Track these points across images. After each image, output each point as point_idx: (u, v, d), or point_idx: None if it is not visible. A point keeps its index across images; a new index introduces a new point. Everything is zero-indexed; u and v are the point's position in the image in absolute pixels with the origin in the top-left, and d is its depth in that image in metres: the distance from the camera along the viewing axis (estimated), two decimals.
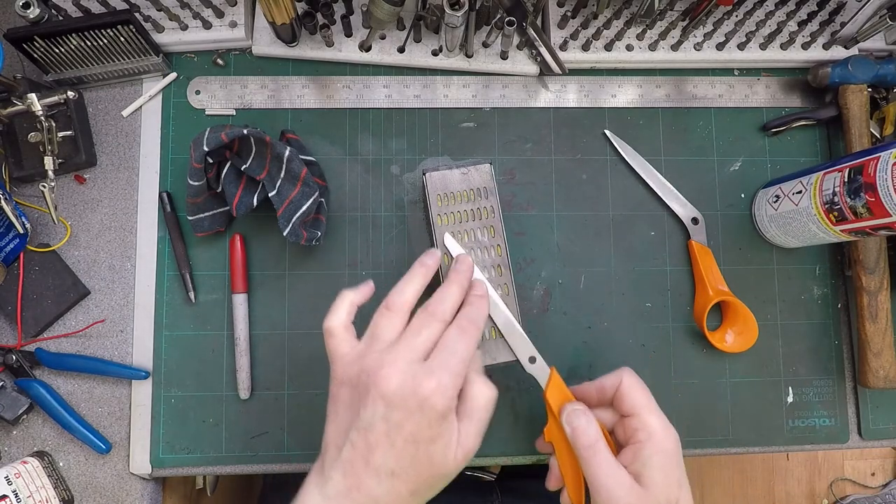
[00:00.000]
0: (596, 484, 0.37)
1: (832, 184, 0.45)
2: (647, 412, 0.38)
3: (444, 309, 0.37)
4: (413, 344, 0.34)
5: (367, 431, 0.33)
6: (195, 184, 0.45)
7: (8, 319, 0.50)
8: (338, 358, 0.36)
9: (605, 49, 0.53)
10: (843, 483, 1.34)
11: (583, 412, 0.39)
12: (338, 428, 0.35)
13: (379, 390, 0.32)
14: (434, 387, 0.32)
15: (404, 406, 0.32)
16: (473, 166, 0.45)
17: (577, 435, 0.38)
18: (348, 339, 0.37)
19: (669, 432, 0.38)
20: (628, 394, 0.39)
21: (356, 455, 0.33)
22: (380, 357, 0.34)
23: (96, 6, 0.49)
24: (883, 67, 0.51)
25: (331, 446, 0.35)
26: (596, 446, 0.37)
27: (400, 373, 0.33)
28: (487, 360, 0.45)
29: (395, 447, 0.33)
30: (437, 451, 0.34)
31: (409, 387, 0.32)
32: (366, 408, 0.33)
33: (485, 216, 0.44)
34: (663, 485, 0.36)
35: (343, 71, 0.53)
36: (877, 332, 0.50)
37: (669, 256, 0.53)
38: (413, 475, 0.33)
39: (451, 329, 0.36)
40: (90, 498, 0.49)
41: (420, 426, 0.33)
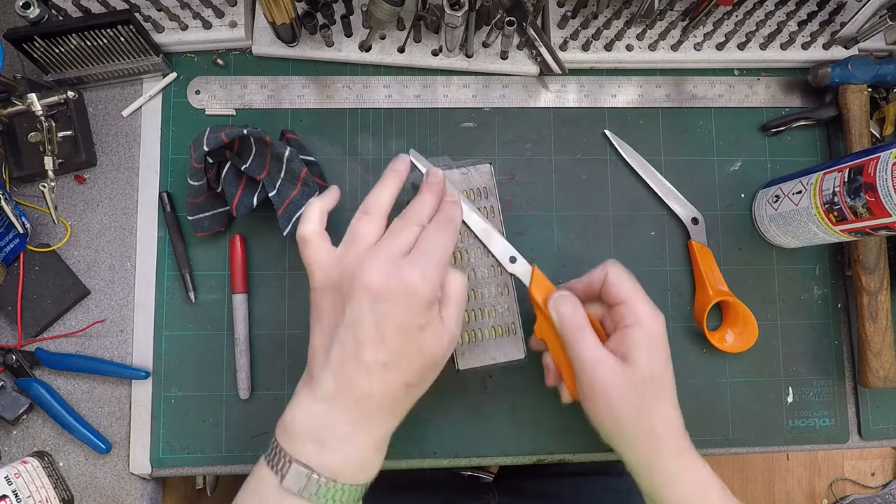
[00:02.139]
0: (581, 363, 0.37)
1: (832, 184, 0.45)
2: (634, 299, 0.39)
3: (420, 214, 0.37)
4: (394, 243, 0.35)
5: (354, 327, 0.33)
6: (195, 184, 0.45)
7: (8, 319, 0.50)
8: (316, 264, 0.36)
9: (605, 49, 0.53)
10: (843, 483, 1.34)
11: (568, 297, 0.40)
12: (323, 332, 0.35)
13: (364, 285, 0.33)
14: (419, 275, 0.33)
15: (390, 297, 0.32)
16: (473, 166, 0.45)
17: (563, 320, 0.39)
18: (325, 244, 0.36)
19: (656, 315, 0.39)
20: (615, 283, 0.39)
21: (345, 353, 0.33)
22: (362, 256, 0.34)
23: (96, 6, 0.48)
24: (883, 67, 0.51)
25: (318, 351, 0.35)
26: (581, 329, 0.38)
27: (384, 267, 0.33)
28: (487, 359, 0.45)
29: (385, 339, 0.33)
30: (427, 339, 0.34)
31: (394, 278, 0.33)
32: (351, 305, 0.33)
33: (485, 216, 0.44)
34: (648, 362, 0.37)
35: (343, 71, 0.53)
36: (877, 332, 0.50)
37: (669, 256, 0.53)
38: (405, 365, 0.34)
39: (429, 227, 0.36)
40: (90, 498, 0.49)
41: (408, 315, 0.33)
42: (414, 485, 0.63)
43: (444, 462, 0.50)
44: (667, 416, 0.38)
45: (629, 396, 0.37)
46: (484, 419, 0.50)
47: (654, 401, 0.38)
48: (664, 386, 0.38)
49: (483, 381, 0.51)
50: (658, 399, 0.38)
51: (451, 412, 0.50)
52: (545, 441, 0.51)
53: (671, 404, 0.39)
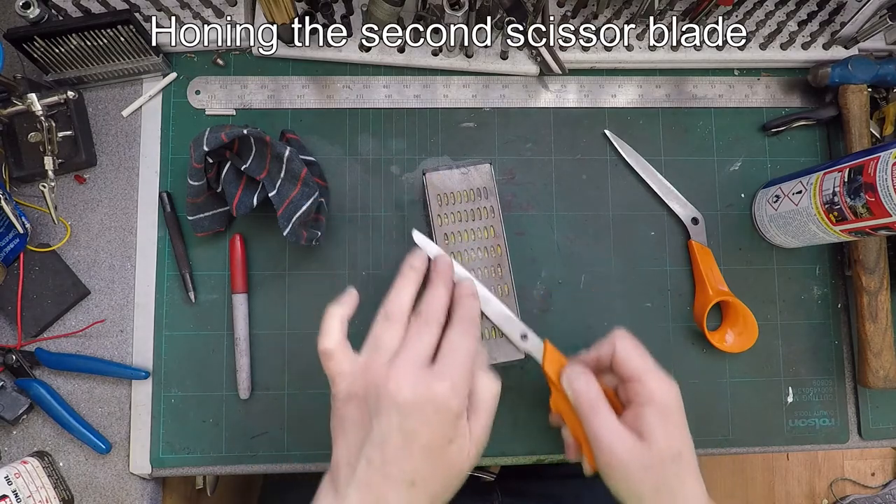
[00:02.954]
0: (598, 442, 0.37)
1: (832, 184, 0.45)
2: (645, 375, 0.38)
3: (435, 310, 0.36)
4: (417, 350, 0.34)
5: (382, 445, 0.32)
6: (195, 184, 0.45)
7: (8, 319, 0.50)
8: (340, 375, 0.35)
9: (605, 49, 0.53)
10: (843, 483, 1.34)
11: (582, 373, 0.39)
12: (348, 446, 0.34)
13: (392, 401, 0.32)
14: (447, 388, 0.32)
15: (420, 413, 0.32)
16: (473, 166, 0.45)
17: (577, 396, 0.38)
18: (347, 355, 0.36)
19: (669, 389, 0.38)
20: (624, 360, 0.39)
21: (373, 471, 0.32)
22: (386, 368, 0.33)
23: (96, 6, 0.49)
24: (883, 67, 0.51)
25: (342, 465, 0.34)
26: (596, 405, 0.38)
27: (411, 380, 0.32)
28: (488, 360, 0.45)
29: (413, 457, 0.32)
30: (454, 453, 0.34)
31: (422, 392, 0.32)
32: (379, 420, 0.32)
33: (485, 216, 0.44)
34: (664, 439, 0.36)
35: (343, 71, 0.53)
36: (877, 332, 0.50)
37: (669, 256, 0.53)
38: (432, 482, 0.33)
39: (450, 331, 0.36)
40: (90, 498, 0.49)
41: (437, 431, 0.32)
42: None
43: None
44: (690, 493, 0.37)
45: (648, 477, 0.36)
46: None
47: (675, 479, 0.36)
48: (684, 462, 0.37)
49: None
50: (679, 477, 0.37)
51: None
52: (545, 441, 0.51)
53: (693, 480, 0.38)
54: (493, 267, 0.44)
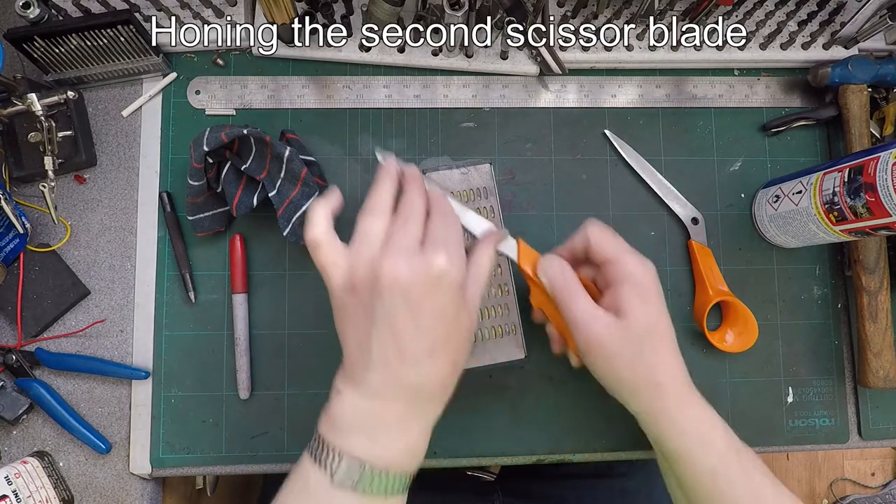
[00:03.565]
0: (575, 323, 0.38)
1: (832, 184, 0.45)
2: (620, 255, 0.39)
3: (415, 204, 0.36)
4: (407, 234, 0.34)
5: (391, 324, 0.32)
6: (195, 184, 0.45)
7: (8, 319, 0.50)
8: (332, 265, 0.35)
9: (605, 49, 0.53)
10: (843, 483, 1.34)
11: (555, 260, 0.40)
12: (357, 336, 0.34)
13: (392, 280, 0.32)
14: (444, 259, 0.32)
15: (421, 286, 0.32)
16: (473, 166, 0.45)
17: (553, 283, 0.39)
18: (336, 245, 0.35)
19: (645, 266, 0.39)
20: (598, 245, 0.39)
21: (387, 351, 0.33)
22: (379, 252, 0.33)
23: (96, 6, 0.49)
24: (883, 67, 0.51)
25: (355, 353, 0.34)
26: (571, 289, 0.38)
27: (406, 259, 0.32)
28: (487, 359, 0.45)
29: (425, 327, 0.33)
30: (463, 318, 0.34)
31: (420, 268, 0.32)
32: (382, 302, 0.32)
33: (484, 216, 0.44)
34: (641, 313, 0.37)
35: (343, 71, 0.53)
36: (877, 332, 0.50)
37: (669, 256, 0.53)
38: (449, 348, 0.34)
39: (432, 219, 0.36)
40: (90, 498, 0.49)
41: (441, 300, 0.33)
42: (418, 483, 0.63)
43: (445, 462, 0.50)
44: (666, 364, 0.38)
45: (625, 349, 0.37)
46: (484, 419, 0.50)
47: (652, 351, 0.38)
48: (661, 335, 0.38)
49: (483, 381, 0.51)
50: (655, 349, 0.38)
51: (451, 412, 0.50)
52: (545, 441, 0.51)
53: (670, 352, 0.39)
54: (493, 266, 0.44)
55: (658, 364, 0.38)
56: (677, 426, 0.38)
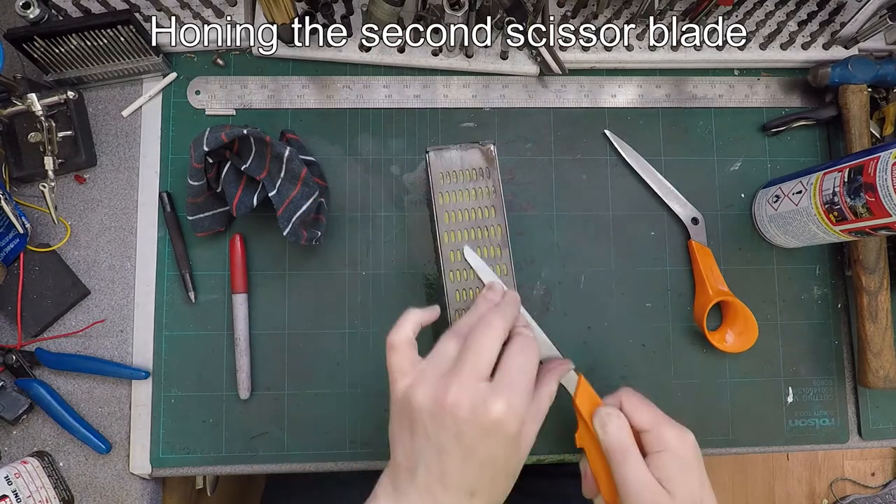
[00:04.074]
0: (626, 487, 0.37)
1: (832, 184, 0.45)
2: (657, 426, 0.39)
3: (497, 330, 0.36)
4: (477, 362, 0.34)
5: (441, 456, 0.33)
6: (195, 184, 0.45)
7: (8, 319, 0.50)
8: (400, 373, 0.35)
9: (605, 49, 0.53)
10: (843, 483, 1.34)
11: (616, 416, 0.39)
12: (406, 449, 0.35)
13: (451, 415, 0.32)
14: (504, 409, 0.32)
15: (477, 429, 0.32)
16: (477, 146, 0.45)
17: (609, 440, 0.39)
18: (411, 355, 0.36)
19: (684, 439, 0.39)
20: (633, 415, 0.39)
21: (431, 478, 0.33)
22: (446, 377, 0.34)
23: (96, 6, 0.49)
24: (883, 67, 0.51)
25: (402, 468, 0.35)
26: (628, 450, 0.38)
27: (468, 395, 0.32)
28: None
29: (472, 468, 0.33)
30: (512, 465, 0.35)
31: (479, 411, 0.32)
32: (437, 430, 0.33)
33: (486, 196, 0.44)
34: (685, 489, 0.37)
35: (343, 71, 0.53)
36: (877, 332, 0.50)
37: (669, 256, 0.53)
38: (491, 491, 0.34)
39: (510, 346, 0.36)
40: (90, 498, 0.49)
41: (494, 448, 0.33)
42: None
43: None
44: None
45: None
46: None
47: None
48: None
49: None
50: None
51: None
52: (545, 441, 0.51)
53: None
54: (493, 247, 0.44)
55: None
56: None
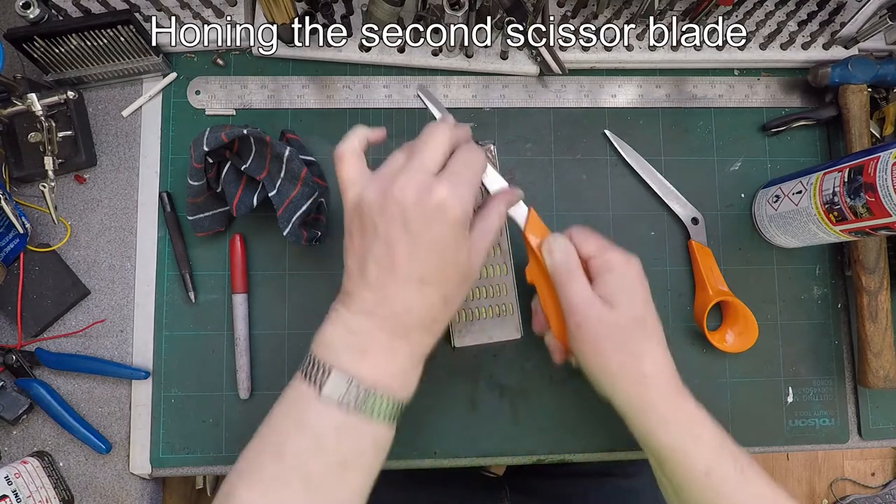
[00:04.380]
0: (570, 307, 0.38)
1: (832, 184, 0.45)
2: (603, 251, 0.40)
3: (442, 136, 0.36)
4: (422, 160, 0.34)
5: (389, 245, 0.33)
6: (195, 184, 0.45)
7: (8, 319, 0.50)
8: (349, 181, 0.35)
9: (605, 49, 0.53)
10: (843, 483, 1.34)
11: (562, 241, 0.40)
12: (356, 252, 0.35)
13: (396, 202, 0.33)
14: (448, 191, 0.33)
15: (423, 213, 0.32)
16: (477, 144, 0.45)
17: (555, 263, 0.39)
18: (359, 164, 0.36)
19: (629, 259, 0.40)
20: (581, 244, 0.40)
21: (382, 270, 0.33)
22: (392, 174, 0.34)
23: (96, 6, 0.49)
24: (883, 67, 0.51)
25: (353, 270, 0.35)
26: (573, 272, 0.39)
27: (414, 183, 0.33)
28: (484, 338, 0.45)
29: (420, 254, 0.33)
30: (461, 256, 0.34)
31: (424, 194, 0.32)
32: (385, 222, 0.33)
33: (485, 195, 0.44)
34: (628, 304, 0.38)
35: (343, 71, 0.53)
36: (877, 332, 0.50)
37: (669, 256, 0.53)
38: (442, 280, 0.34)
39: (456, 153, 0.36)
40: (90, 498, 0.49)
41: (440, 233, 0.33)
42: (426, 479, 0.63)
43: (445, 462, 0.50)
44: (652, 356, 0.38)
45: (614, 337, 0.38)
46: (484, 419, 0.50)
47: (639, 341, 0.38)
48: (648, 328, 0.39)
49: (483, 380, 0.51)
50: (643, 340, 0.38)
51: (451, 412, 0.50)
52: (545, 441, 0.51)
53: (656, 345, 0.39)
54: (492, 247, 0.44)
55: (643, 354, 0.38)
56: (664, 421, 0.38)
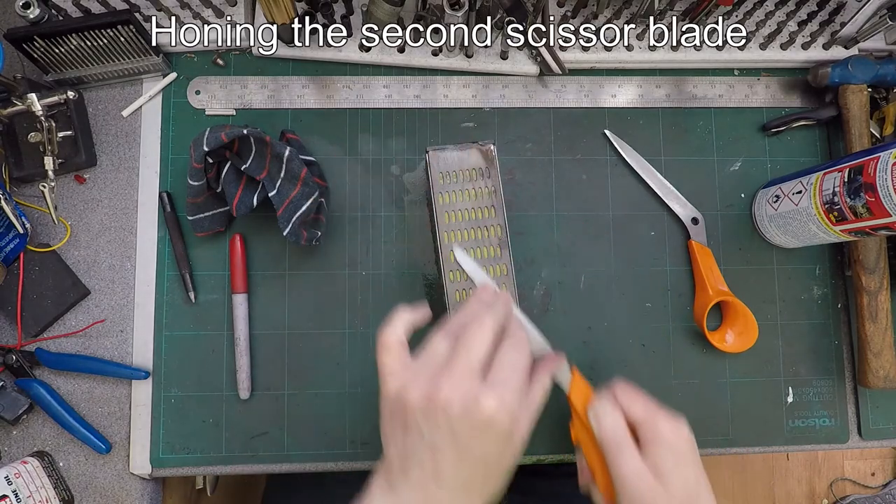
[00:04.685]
0: (622, 480, 0.37)
1: (832, 184, 0.45)
2: (652, 418, 0.38)
3: (488, 327, 0.35)
4: (468, 359, 0.33)
5: (434, 453, 0.32)
6: (195, 184, 0.45)
7: (8, 319, 0.50)
8: (390, 374, 0.35)
9: (605, 49, 0.53)
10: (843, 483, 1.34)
11: (611, 408, 0.39)
12: (399, 449, 0.34)
13: (443, 412, 0.32)
14: (496, 405, 0.32)
15: (470, 427, 0.32)
16: (477, 146, 0.45)
17: (605, 434, 0.38)
18: (402, 355, 0.35)
19: (680, 432, 0.38)
20: (628, 407, 0.39)
21: (426, 476, 0.33)
22: (437, 376, 0.33)
23: (96, 6, 0.48)
24: (883, 67, 0.51)
25: (395, 466, 0.34)
26: (623, 442, 0.38)
27: (461, 391, 0.32)
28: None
29: (466, 465, 0.32)
30: (506, 460, 0.34)
31: (472, 408, 0.32)
32: (430, 428, 0.32)
33: (486, 196, 0.44)
34: (680, 483, 0.37)
35: (343, 71, 0.53)
36: (877, 332, 0.50)
37: (669, 256, 0.53)
38: (485, 486, 0.34)
39: (504, 344, 0.35)
40: (90, 498, 0.49)
41: (488, 445, 0.33)
42: None
43: None
44: None
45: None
46: None
47: None
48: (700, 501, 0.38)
49: None
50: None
51: None
52: (545, 441, 0.51)
53: None
54: (492, 247, 0.44)
55: None
56: None
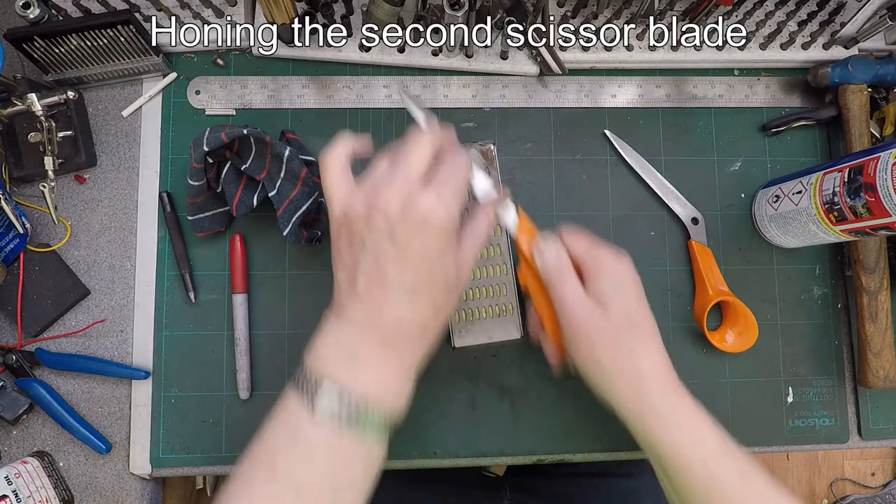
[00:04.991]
0: (563, 307, 0.38)
1: (832, 184, 0.45)
2: (593, 249, 0.39)
3: (426, 144, 0.35)
4: (406, 168, 0.34)
5: (377, 256, 0.33)
6: (195, 184, 0.45)
7: (8, 319, 0.50)
8: (335, 190, 0.35)
9: (605, 49, 0.53)
10: (843, 483, 1.34)
11: (552, 241, 0.40)
12: (346, 264, 0.35)
13: (382, 213, 0.33)
14: (433, 200, 0.33)
15: (409, 224, 0.32)
16: (476, 145, 0.45)
17: (546, 264, 0.39)
18: (343, 175, 0.36)
19: (619, 256, 0.39)
20: (571, 243, 0.40)
21: (371, 281, 0.33)
22: (376, 184, 0.34)
23: (96, 6, 0.48)
24: (883, 67, 0.51)
25: (343, 283, 0.35)
26: (564, 272, 0.39)
27: (399, 193, 0.33)
28: (484, 338, 0.45)
29: (409, 264, 0.33)
30: (449, 264, 0.34)
31: (409, 204, 0.32)
32: (371, 233, 0.33)
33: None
34: (620, 302, 0.38)
35: (343, 71, 0.53)
36: (877, 332, 0.50)
37: (669, 256, 0.53)
38: (431, 288, 0.34)
39: (443, 160, 0.35)
40: (90, 498, 0.49)
41: (427, 241, 0.33)
42: (428, 478, 0.63)
43: (445, 462, 0.50)
44: (647, 355, 0.38)
45: (608, 336, 0.37)
46: (484, 419, 0.50)
47: (633, 340, 0.38)
48: (642, 327, 0.39)
49: (483, 380, 0.51)
50: (637, 339, 0.38)
51: (451, 412, 0.50)
52: (545, 441, 0.51)
53: (651, 343, 0.39)
54: (492, 246, 0.44)
55: (638, 352, 0.38)
56: (662, 419, 0.37)
